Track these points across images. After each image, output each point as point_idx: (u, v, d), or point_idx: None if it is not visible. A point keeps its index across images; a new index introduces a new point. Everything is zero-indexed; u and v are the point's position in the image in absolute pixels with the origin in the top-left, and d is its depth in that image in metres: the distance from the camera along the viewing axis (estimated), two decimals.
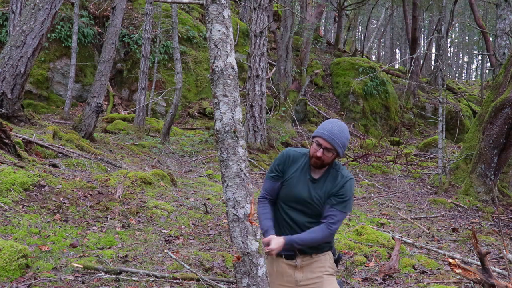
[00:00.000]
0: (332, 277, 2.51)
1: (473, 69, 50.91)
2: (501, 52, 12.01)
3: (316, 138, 2.39)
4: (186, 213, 5.58)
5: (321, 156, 2.36)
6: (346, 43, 27.66)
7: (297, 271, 2.47)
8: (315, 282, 2.46)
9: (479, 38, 25.22)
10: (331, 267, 2.51)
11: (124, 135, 11.05)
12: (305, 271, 2.47)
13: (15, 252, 3.45)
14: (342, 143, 2.37)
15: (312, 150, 2.41)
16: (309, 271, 2.47)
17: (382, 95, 17.35)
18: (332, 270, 2.51)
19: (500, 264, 4.83)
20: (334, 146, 2.35)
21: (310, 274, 2.47)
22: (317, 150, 2.37)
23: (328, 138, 2.35)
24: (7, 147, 5.63)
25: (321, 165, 2.41)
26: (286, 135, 11.89)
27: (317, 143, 2.37)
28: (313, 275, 2.47)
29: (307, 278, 2.47)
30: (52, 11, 7.62)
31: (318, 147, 2.37)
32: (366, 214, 6.74)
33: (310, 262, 2.47)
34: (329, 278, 2.48)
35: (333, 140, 2.35)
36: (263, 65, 10.41)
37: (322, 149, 2.36)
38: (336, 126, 2.40)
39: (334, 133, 2.36)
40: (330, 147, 2.35)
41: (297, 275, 2.47)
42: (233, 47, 2.30)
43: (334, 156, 2.39)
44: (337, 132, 2.37)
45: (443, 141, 8.87)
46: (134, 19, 15.15)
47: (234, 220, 2.24)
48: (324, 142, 2.35)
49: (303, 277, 2.47)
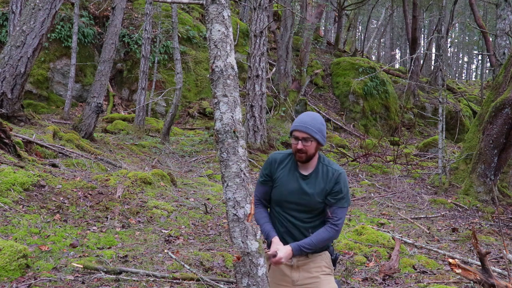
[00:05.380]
0: (330, 277, 2.52)
1: (473, 69, 50.92)
2: (501, 52, 12.00)
3: (292, 134, 2.44)
4: (186, 213, 5.58)
5: (302, 148, 2.40)
6: (346, 43, 27.65)
7: (293, 271, 2.49)
8: (312, 282, 2.48)
9: (479, 38, 25.21)
10: (327, 266, 2.52)
11: (124, 135, 11.06)
12: (301, 271, 2.49)
13: (15, 252, 3.45)
14: (317, 129, 2.41)
15: (292, 146, 2.45)
16: (306, 271, 2.49)
17: (382, 95, 17.35)
18: (329, 270, 2.52)
19: (500, 264, 4.83)
20: (310, 134, 2.39)
21: (306, 274, 2.49)
22: (296, 143, 2.41)
23: (302, 128, 2.39)
24: (7, 147, 5.63)
25: (306, 158, 2.43)
26: (286, 135, 11.89)
27: (295, 137, 2.42)
28: (310, 275, 2.48)
29: (304, 278, 2.48)
30: (52, 11, 7.62)
31: (297, 141, 2.41)
32: (366, 214, 6.73)
33: (306, 262, 2.49)
34: (326, 278, 2.50)
35: (307, 128, 2.39)
36: (263, 65, 10.41)
37: (300, 141, 2.40)
38: (307, 115, 2.46)
39: (306, 122, 2.41)
40: (307, 136, 2.39)
41: (293, 275, 2.49)
42: (233, 47, 2.30)
43: (315, 144, 2.42)
44: (309, 120, 2.42)
45: (443, 141, 8.87)
46: (134, 19, 15.15)
47: (234, 220, 2.24)
48: (299, 133, 2.40)
49: (299, 277, 2.48)
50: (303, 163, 2.45)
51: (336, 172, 2.45)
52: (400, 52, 40.98)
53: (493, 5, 16.87)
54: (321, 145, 2.43)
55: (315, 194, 2.43)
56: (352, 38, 29.83)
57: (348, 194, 2.49)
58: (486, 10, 29.44)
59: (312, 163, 2.48)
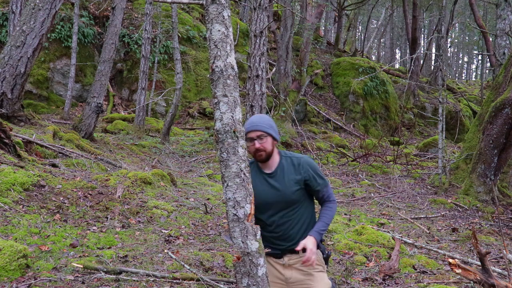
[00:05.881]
0: (323, 274, 2.57)
1: (473, 69, 50.92)
2: (501, 52, 12.00)
3: (247, 136, 2.48)
4: (186, 213, 5.58)
5: (260, 146, 2.45)
6: (346, 43, 27.66)
7: (285, 269, 2.55)
8: (304, 279, 2.53)
9: (479, 38, 25.21)
10: (319, 264, 2.56)
11: (124, 135, 11.06)
12: (293, 269, 2.54)
13: (15, 252, 3.45)
14: (267, 125, 2.48)
15: (250, 149, 2.49)
16: (298, 269, 2.53)
17: (382, 95, 17.35)
18: (321, 267, 2.57)
19: (500, 264, 4.83)
20: (262, 130, 2.46)
21: (299, 272, 2.53)
22: (253, 144, 2.46)
23: (253, 127, 2.47)
24: (7, 147, 5.63)
25: (266, 156, 2.48)
26: (286, 135, 11.89)
27: (250, 139, 2.47)
28: (302, 273, 2.53)
29: (296, 276, 2.54)
30: (52, 11, 7.62)
31: (252, 141, 2.46)
32: (366, 214, 6.73)
33: (297, 261, 2.52)
34: (319, 274, 2.55)
35: (258, 126, 2.47)
36: (263, 65, 10.40)
37: (255, 140, 2.46)
38: (254, 117, 2.57)
39: (255, 122, 2.50)
40: (261, 133, 2.46)
41: (286, 273, 2.54)
42: (233, 47, 2.30)
43: (270, 140, 2.48)
44: (257, 119, 2.52)
45: (443, 141, 8.87)
46: (134, 19, 15.15)
47: (234, 220, 2.24)
48: (253, 133, 2.46)
49: (292, 275, 2.54)
50: (265, 161, 2.51)
51: (301, 160, 2.54)
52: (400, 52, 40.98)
53: (493, 5, 16.87)
54: (276, 140, 2.52)
55: (286, 187, 2.48)
56: (352, 38, 29.84)
57: (321, 172, 2.59)
58: (486, 10, 29.44)
59: (274, 160, 2.53)
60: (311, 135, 13.89)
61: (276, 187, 2.48)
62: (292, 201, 2.50)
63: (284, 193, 2.48)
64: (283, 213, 2.50)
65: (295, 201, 2.50)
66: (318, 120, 15.67)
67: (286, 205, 2.49)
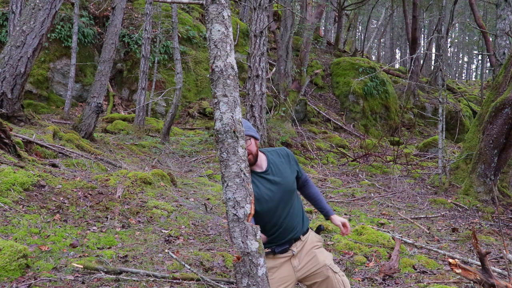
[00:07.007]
0: (322, 249, 2.75)
1: (473, 69, 50.92)
2: (501, 52, 12.00)
3: None
4: (186, 213, 5.58)
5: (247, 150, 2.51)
6: (346, 43, 27.65)
7: (293, 259, 2.62)
8: (309, 260, 2.64)
9: (479, 38, 25.21)
10: (318, 241, 2.74)
11: (124, 135, 11.06)
12: (299, 255, 2.64)
13: (15, 252, 3.45)
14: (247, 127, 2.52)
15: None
16: (303, 254, 2.64)
17: (382, 95, 17.35)
18: (320, 243, 2.76)
19: (500, 264, 4.83)
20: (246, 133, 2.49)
21: (304, 255, 2.64)
22: None
23: None
24: (7, 147, 5.63)
25: (254, 158, 2.54)
26: (286, 135, 11.89)
27: None
28: (308, 255, 2.65)
29: (303, 260, 2.64)
30: (52, 11, 7.62)
31: None
32: (366, 214, 6.73)
33: (302, 246, 2.64)
34: (319, 250, 2.71)
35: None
36: (263, 65, 10.41)
37: None
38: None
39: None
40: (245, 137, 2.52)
41: (294, 263, 2.62)
42: (233, 47, 2.30)
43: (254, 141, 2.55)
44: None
45: (443, 141, 8.87)
46: (134, 19, 15.15)
47: (234, 220, 2.24)
48: None
49: (299, 262, 2.63)
50: (254, 163, 2.55)
51: (284, 150, 2.71)
52: (400, 52, 40.98)
53: (493, 5, 16.87)
54: (257, 140, 2.60)
55: (286, 178, 2.58)
56: (352, 38, 29.83)
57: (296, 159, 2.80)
58: (486, 10, 29.44)
59: (261, 158, 2.61)
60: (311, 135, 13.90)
61: (277, 181, 2.55)
62: (293, 190, 2.62)
63: (286, 184, 2.56)
64: (288, 205, 2.58)
65: (294, 189, 2.63)
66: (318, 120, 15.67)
67: (289, 196, 2.58)
